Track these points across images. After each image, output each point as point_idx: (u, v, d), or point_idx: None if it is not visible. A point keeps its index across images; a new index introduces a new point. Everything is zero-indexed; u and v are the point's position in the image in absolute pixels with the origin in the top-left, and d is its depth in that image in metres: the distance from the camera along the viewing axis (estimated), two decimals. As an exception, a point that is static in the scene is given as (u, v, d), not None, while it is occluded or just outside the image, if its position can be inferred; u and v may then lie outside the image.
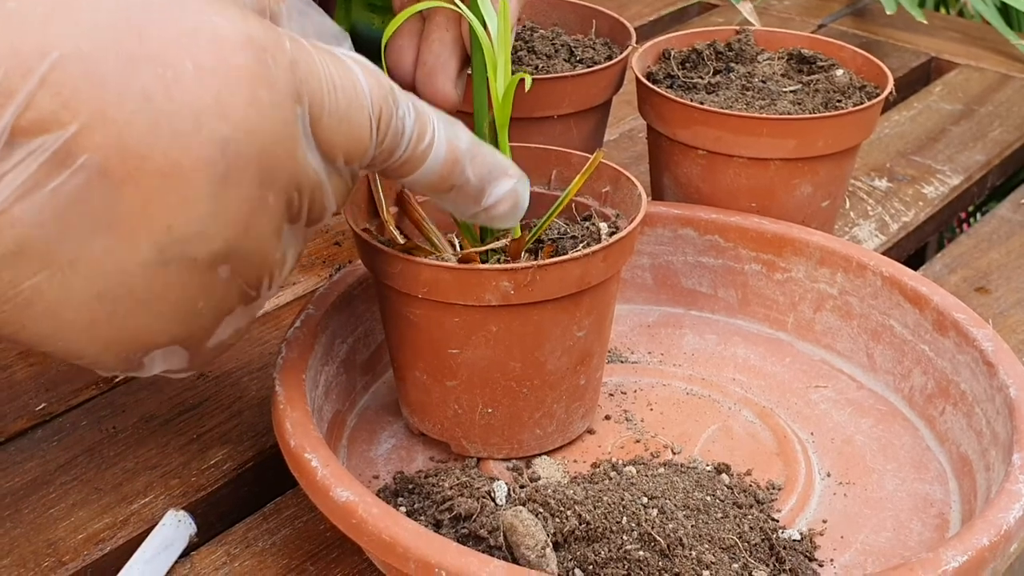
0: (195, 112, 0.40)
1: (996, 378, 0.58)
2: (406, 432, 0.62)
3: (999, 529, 0.49)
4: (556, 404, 0.58)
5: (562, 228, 0.60)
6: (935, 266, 0.81)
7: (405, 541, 0.48)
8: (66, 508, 0.59)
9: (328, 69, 0.45)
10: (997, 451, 0.57)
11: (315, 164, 0.45)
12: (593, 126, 0.77)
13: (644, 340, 0.70)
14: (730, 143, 0.71)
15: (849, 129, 0.71)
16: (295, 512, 0.59)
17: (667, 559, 0.52)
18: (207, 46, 0.41)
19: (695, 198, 0.73)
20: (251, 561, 0.57)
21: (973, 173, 0.93)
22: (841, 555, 0.55)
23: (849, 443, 0.63)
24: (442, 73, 0.58)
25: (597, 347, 0.59)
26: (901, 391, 0.65)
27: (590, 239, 0.58)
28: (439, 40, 0.58)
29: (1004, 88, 1.05)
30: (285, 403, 0.55)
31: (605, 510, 0.52)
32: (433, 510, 0.54)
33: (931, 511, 0.58)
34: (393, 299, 0.57)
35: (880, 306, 0.67)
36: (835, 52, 0.78)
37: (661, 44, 0.79)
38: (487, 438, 0.59)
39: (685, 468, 0.58)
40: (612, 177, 0.61)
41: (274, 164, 0.43)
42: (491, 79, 0.54)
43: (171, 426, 0.65)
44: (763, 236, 0.70)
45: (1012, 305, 0.77)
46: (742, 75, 0.76)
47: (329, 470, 0.51)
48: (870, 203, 0.88)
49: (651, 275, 0.73)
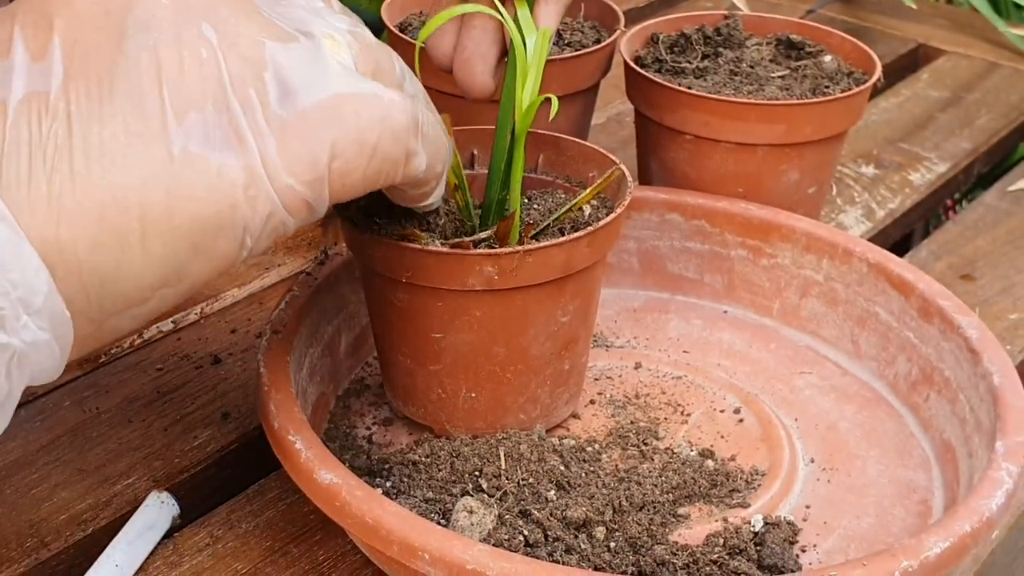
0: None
1: (980, 365, 0.59)
2: (390, 415, 0.62)
3: (981, 516, 0.49)
4: (540, 389, 0.58)
5: (542, 209, 0.60)
6: (921, 253, 0.81)
7: (388, 524, 0.48)
8: (48, 489, 0.59)
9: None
10: (980, 438, 0.57)
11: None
12: (581, 110, 0.76)
13: (630, 325, 0.70)
14: (717, 128, 0.70)
15: (837, 115, 0.71)
16: (278, 494, 0.59)
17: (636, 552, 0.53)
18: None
19: (682, 183, 0.73)
20: (234, 543, 0.57)
21: (960, 160, 0.93)
22: (824, 541, 0.56)
23: (833, 429, 0.63)
24: (481, 62, 0.57)
25: (582, 332, 0.59)
26: (886, 378, 0.66)
27: (575, 224, 0.58)
28: (480, 27, 0.57)
29: (991, 76, 1.05)
30: (269, 385, 0.55)
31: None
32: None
33: (914, 497, 0.58)
34: (377, 283, 0.57)
35: (865, 293, 0.67)
36: (823, 38, 0.78)
37: (649, 28, 0.79)
38: (471, 422, 0.58)
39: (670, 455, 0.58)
40: (601, 162, 0.61)
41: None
42: (518, 90, 0.54)
43: (154, 407, 0.64)
44: (750, 222, 0.70)
45: (997, 293, 0.77)
46: (730, 60, 0.76)
47: (313, 452, 0.51)
48: (857, 189, 0.88)
49: (637, 260, 0.73)
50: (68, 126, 0.40)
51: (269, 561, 0.56)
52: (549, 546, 0.52)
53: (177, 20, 0.42)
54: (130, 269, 0.41)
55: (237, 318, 0.72)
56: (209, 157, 0.41)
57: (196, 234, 0.42)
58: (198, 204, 0.41)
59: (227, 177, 0.42)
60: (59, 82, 0.40)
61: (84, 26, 0.41)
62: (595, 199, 0.59)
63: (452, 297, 0.55)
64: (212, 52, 0.42)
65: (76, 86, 0.40)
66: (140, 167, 0.40)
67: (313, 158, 0.43)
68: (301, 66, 0.44)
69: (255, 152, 0.42)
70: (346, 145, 0.44)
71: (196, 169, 0.41)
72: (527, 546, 0.51)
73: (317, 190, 0.44)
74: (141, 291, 0.42)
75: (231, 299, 0.74)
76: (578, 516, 0.53)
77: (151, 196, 0.40)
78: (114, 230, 0.40)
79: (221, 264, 0.43)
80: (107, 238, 0.40)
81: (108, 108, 0.40)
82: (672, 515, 0.56)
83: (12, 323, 0.39)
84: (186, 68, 0.41)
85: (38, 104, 0.40)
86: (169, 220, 0.41)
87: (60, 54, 0.41)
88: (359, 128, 0.44)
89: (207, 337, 0.70)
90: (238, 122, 0.42)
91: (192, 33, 0.42)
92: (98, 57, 0.41)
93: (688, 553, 0.52)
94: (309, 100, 0.43)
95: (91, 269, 0.40)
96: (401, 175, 0.47)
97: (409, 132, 0.46)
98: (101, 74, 0.41)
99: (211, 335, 0.70)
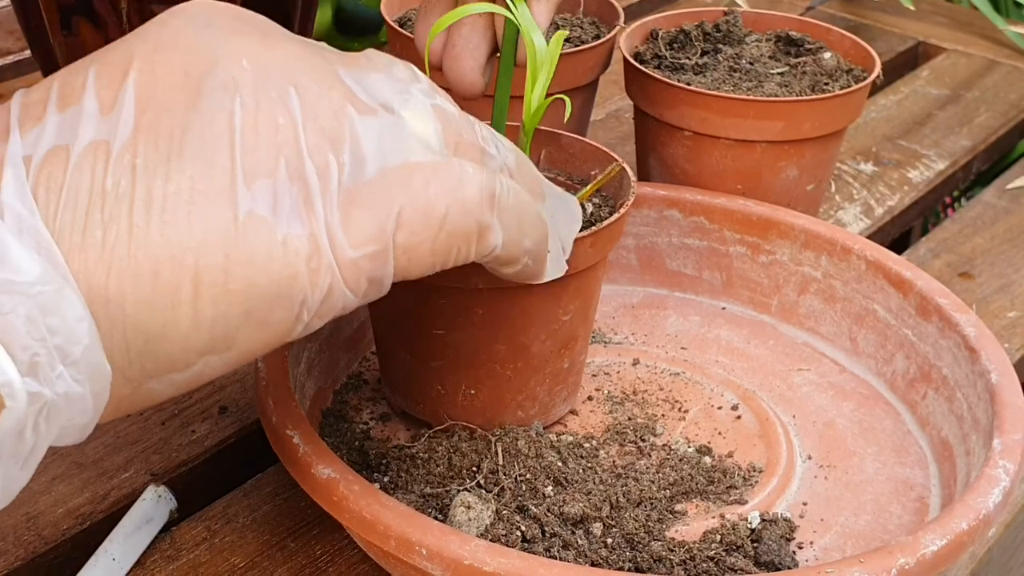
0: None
1: (978, 363, 0.59)
2: (388, 410, 0.62)
3: (978, 513, 0.49)
4: (539, 387, 0.58)
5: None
6: (919, 251, 0.81)
7: (386, 519, 0.48)
8: (46, 482, 0.59)
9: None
10: (978, 436, 0.57)
11: None
12: (580, 105, 0.76)
13: (628, 321, 0.70)
14: (716, 125, 0.70)
15: (836, 112, 0.71)
16: (276, 488, 0.59)
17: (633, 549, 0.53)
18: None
19: (681, 179, 0.73)
20: (231, 537, 0.57)
21: (959, 158, 0.93)
22: (821, 538, 0.56)
23: (831, 426, 0.63)
24: (470, 58, 0.57)
25: (582, 331, 0.59)
26: (883, 375, 0.66)
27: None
28: (470, 25, 0.57)
29: (991, 73, 1.06)
30: (267, 379, 0.55)
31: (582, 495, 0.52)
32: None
33: (911, 495, 0.58)
34: (377, 277, 0.57)
35: (864, 290, 0.67)
36: (823, 35, 0.78)
37: (649, 24, 0.79)
38: (469, 418, 0.58)
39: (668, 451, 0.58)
40: (602, 160, 0.61)
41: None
42: (528, 88, 0.54)
43: (152, 401, 0.64)
44: (748, 218, 0.70)
45: (995, 291, 0.77)
46: (730, 56, 0.76)
47: (310, 447, 0.51)
48: (855, 187, 0.88)
49: (636, 256, 0.73)
50: (132, 178, 0.38)
51: (266, 555, 0.56)
52: (546, 542, 0.52)
53: (257, 85, 0.40)
54: (177, 331, 0.39)
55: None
56: (275, 224, 0.39)
57: (251, 301, 0.39)
58: (256, 270, 0.39)
59: (291, 246, 0.40)
60: (128, 134, 0.39)
61: (161, 82, 0.40)
62: (597, 198, 0.59)
63: (456, 295, 0.55)
64: (290, 120, 0.40)
65: (146, 139, 0.39)
66: (202, 226, 0.38)
67: (378, 228, 0.41)
68: (378, 139, 0.42)
69: (322, 223, 0.40)
70: (412, 215, 0.42)
71: (260, 235, 0.39)
72: (524, 542, 0.51)
73: (380, 264, 0.42)
74: (186, 354, 0.40)
75: (229, 293, 0.74)
76: (575, 512, 0.53)
77: (209, 257, 0.39)
78: (166, 287, 0.38)
79: (273, 336, 0.41)
80: (158, 295, 0.38)
81: (176, 165, 0.39)
82: (669, 511, 0.56)
83: (47, 372, 0.37)
84: (261, 133, 0.40)
85: (104, 154, 0.39)
86: (225, 283, 0.39)
87: (133, 107, 0.39)
88: (428, 197, 0.42)
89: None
90: (310, 191, 0.40)
91: (271, 98, 0.40)
92: (172, 115, 0.39)
93: (685, 549, 0.52)
94: (378, 167, 0.42)
95: (136, 325, 0.38)
96: (475, 251, 0.44)
97: (483, 205, 0.43)
98: (173, 131, 0.39)
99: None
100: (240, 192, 0.39)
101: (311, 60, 0.42)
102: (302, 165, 0.40)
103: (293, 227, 0.40)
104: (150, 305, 0.38)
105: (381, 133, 0.42)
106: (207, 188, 0.39)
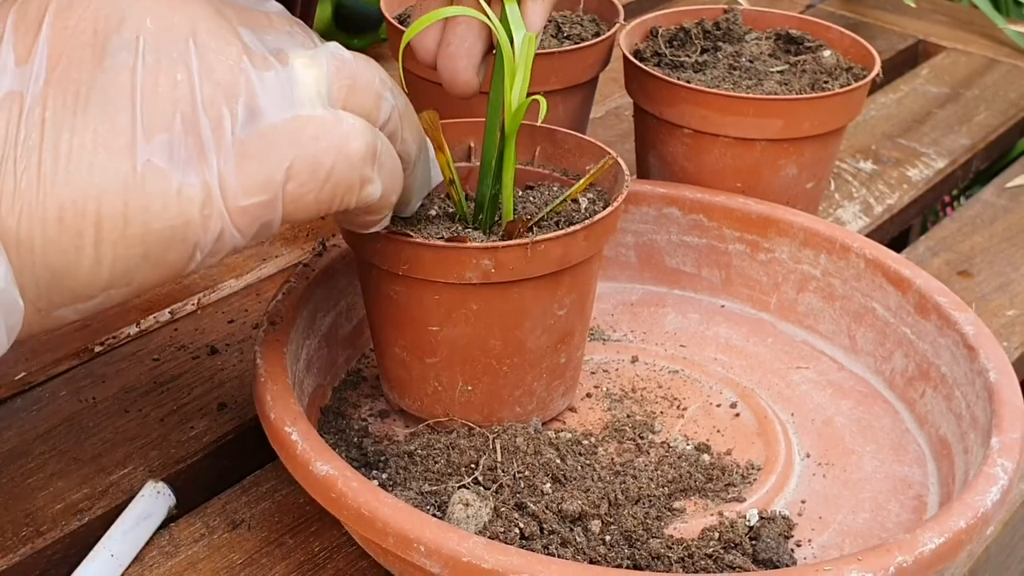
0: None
1: (976, 362, 0.59)
2: (387, 407, 0.62)
3: (976, 512, 0.49)
4: (536, 382, 0.58)
5: (538, 202, 0.60)
6: (918, 249, 0.81)
7: (384, 515, 0.48)
8: (44, 478, 0.59)
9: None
10: (976, 434, 0.57)
11: None
12: (579, 103, 0.76)
13: (627, 319, 0.70)
14: (716, 123, 0.70)
15: (835, 110, 0.71)
16: (274, 485, 0.59)
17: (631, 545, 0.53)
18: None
19: (680, 177, 0.73)
20: (230, 533, 0.57)
21: (958, 157, 0.93)
22: (819, 536, 0.56)
23: (829, 424, 0.63)
24: (465, 57, 0.57)
25: (578, 326, 0.59)
26: (882, 373, 0.66)
27: (570, 217, 0.58)
28: (466, 23, 0.57)
29: (990, 72, 1.05)
30: (266, 376, 0.55)
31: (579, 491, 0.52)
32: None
33: (909, 493, 0.58)
34: (374, 276, 0.57)
35: (863, 288, 0.67)
36: (823, 33, 0.78)
37: (649, 22, 0.79)
38: (467, 415, 0.58)
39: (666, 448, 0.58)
40: (597, 155, 0.61)
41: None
42: (507, 90, 0.54)
43: (151, 397, 0.64)
44: (747, 216, 0.70)
45: (994, 289, 0.77)
46: (729, 54, 0.76)
47: (309, 443, 0.51)
48: (855, 185, 0.88)
49: (635, 254, 0.73)
50: (41, 130, 0.42)
51: (264, 552, 0.56)
52: (545, 539, 0.52)
53: (159, 43, 0.44)
54: (80, 269, 0.43)
55: (234, 309, 0.72)
56: (171, 174, 0.43)
57: (148, 244, 0.43)
58: (153, 217, 0.43)
59: (185, 195, 0.43)
60: (39, 88, 0.43)
61: (72, 39, 0.43)
62: (592, 192, 0.59)
63: (449, 290, 0.55)
64: (188, 75, 0.44)
65: (55, 94, 0.43)
66: (102, 176, 0.42)
67: (268, 179, 0.45)
68: (271, 91, 0.45)
69: (215, 172, 0.44)
70: (301, 168, 0.45)
71: (157, 184, 0.43)
72: (523, 539, 0.51)
73: (269, 211, 0.45)
74: (89, 289, 0.44)
75: (228, 290, 0.74)
76: (574, 509, 0.53)
77: (109, 204, 0.42)
78: (70, 231, 0.42)
79: (169, 273, 0.45)
80: (63, 238, 0.42)
81: (81, 119, 0.42)
82: (668, 509, 0.56)
83: None
84: (161, 90, 0.43)
85: (18, 106, 0.42)
86: (124, 229, 0.43)
87: (45, 61, 0.43)
88: (316, 152, 0.46)
89: (204, 328, 0.70)
90: (204, 143, 0.44)
91: (171, 57, 0.44)
92: (80, 70, 0.43)
93: (683, 547, 0.53)
94: (270, 122, 0.45)
95: (44, 264, 0.43)
96: (355, 201, 0.48)
97: (366, 160, 0.47)
98: (80, 87, 0.43)
99: (208, 326, 0.70)
100: (139, 145, 0.43)
101: (213, 19, 0.45)
102: (197, 118, 0.43)
103: (188, 177, 0.43)
104: (56, 247, 0.42)
105: (273, 86, 0.45)
106: (109, 142, 0.42)
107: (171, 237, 0.44)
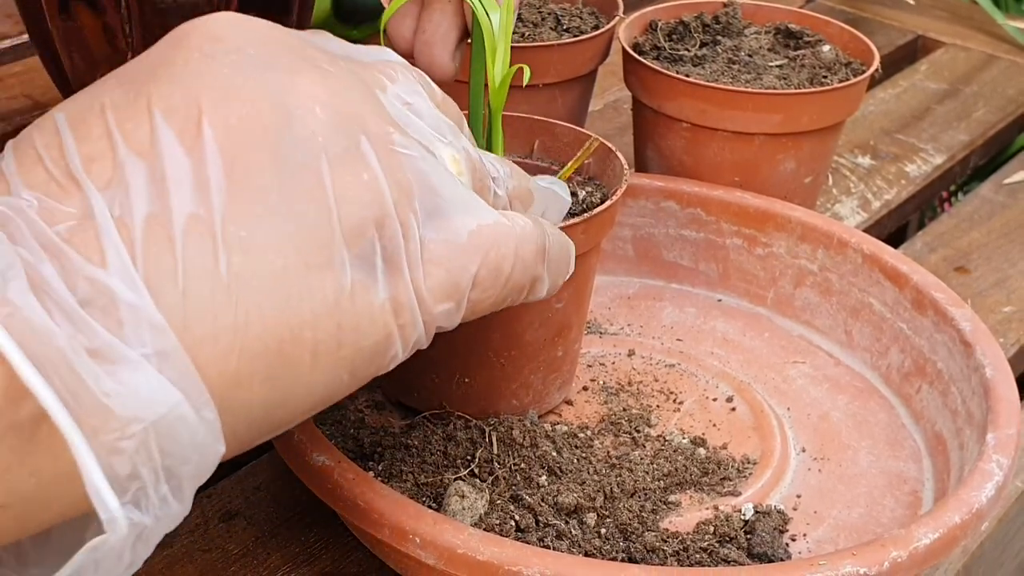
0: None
1: (973, 358, 0.59)
2: (383, 399, 0.62)
3: (971, 508, 0.50)
4: (533, 375, 0.58)
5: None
6: (915, 245, 0.81)
7: (380, 507, 0.48)
8: (40, 467, 0.59)
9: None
10: (971, 430, 0.57)
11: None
12: (578, 96, 0.76)
13: (624, 312, 0.70)
14: (715, 117, 0.70)
15: (834, 105, 0.71)
16: (270, 476, 0.59)
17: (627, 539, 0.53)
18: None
19: (678, 171, 0.73)
20: (225, 524, 0.57)
21: (956, 153, 0.93)
22: (814, 530, 0.56)
23: (825, 419, 0.63)
24: (440, 44, 0.57)
25: (576, 319, 0.59)
26: (878, 368, 0.66)
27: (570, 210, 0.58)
28: (440, 10, 0.57)
29: (989, 68, 1.05)
30: (262, 367, 0.55)
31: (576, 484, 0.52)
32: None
33: (904, 488, 0.58)
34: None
35: (859, 283, 0.67)
36: (822, 28, 0.78)
37: (648, 15, 0.79)
38: (464, 407, 0.58)
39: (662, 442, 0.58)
40: (596, 149, 0.61)
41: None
42: (489, 65, 0.54)
43: (148, 387, 0.64)
44: (745, 211, 0.70)
45: (991, 285, 0.77)
46: (728, 48, 0.76)
47: (305, 435, 0.51)
48: (853, 180, 0.88)
49: (632, 247, 0.73)
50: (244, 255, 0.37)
51: (260, 542, 0.56)
52: (540, 531, 0.52)
53: (336, 139, 0.40)
54: (295, 399, 0.40)
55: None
56: (372, 288, 0.40)
57: (356, 364, 0.41)
58: (362, 336, 0.40)
59: (387, 308, 0.41)
60: (223, 203, 0.37)
61: (242, 140, 0.38)
62: (590, 185, 0.59)
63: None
64: (372, 175, 0.40)
65: (243, 209, 0.37)
66: (313, 299, 0.39)
67: (455, 287, 0.43)
68: (441, 190, 0.42)
69: (408, 282, 0.41)
70: (486, 276, 0.44)
71: (363, 300, 0.40)
72: (518, 531, 0.51)
73: (454, 317, 0.44)
74: (294, 417, 0.41)
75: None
76: (569, 502, 0.53)
77: (324, 329, 0.39)
78: (289, 363, 0.38)
79: (359, 385, 0.42)
80: (284, 371, 0.38)
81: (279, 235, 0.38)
82: (663, 502, 0.56)
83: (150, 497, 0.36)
84: (351, 194, 0.39)
85: (207, 228, 0.37)
86: (336, 352, 0.40)
87: (220, 170, 0.37)
88: (498, 259, 0.44)
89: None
90: (395, 249, 0.41)
91: (352, 153, 0.40)
92: (260, 177, 0.38)
93: (678, 540, 0.53)
94: (455, 230, 0.43)
95: (262, 402, 0.39)
96: (522, 299, 0.47)
97: (536, 260, 0.46)
98: (268, 195, 0.38)
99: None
100: (344, 260, 0.39)
101: (373, 102, 0.42)
102: (387, 222, 0.40)
103: (388, 289, 0.41)
104: (273, 383, 0.38)
105: (441, 183, 0.43)
106: (312, 259, 0.38)
107: (375, 352, 0.41)
